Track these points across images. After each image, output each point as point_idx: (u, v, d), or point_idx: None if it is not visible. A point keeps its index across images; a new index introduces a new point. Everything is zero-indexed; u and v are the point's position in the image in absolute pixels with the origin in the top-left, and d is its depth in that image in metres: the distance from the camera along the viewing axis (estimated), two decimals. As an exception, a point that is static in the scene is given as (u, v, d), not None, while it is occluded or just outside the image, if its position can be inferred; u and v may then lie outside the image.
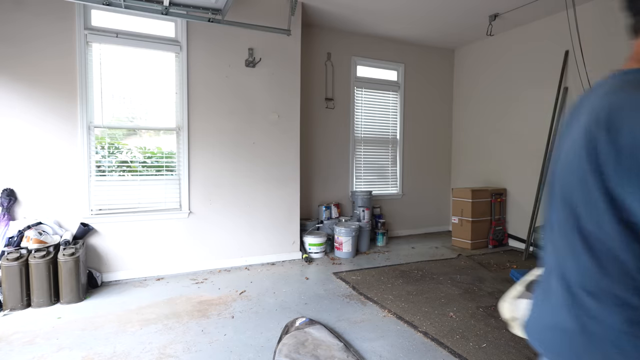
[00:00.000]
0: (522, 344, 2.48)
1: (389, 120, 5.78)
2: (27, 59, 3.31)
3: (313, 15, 4.72)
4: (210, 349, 2.39)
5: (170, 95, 3.86)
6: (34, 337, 2.52)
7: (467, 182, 5.98)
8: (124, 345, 2.43)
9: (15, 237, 3.11)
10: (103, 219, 3.58)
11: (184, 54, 3.84)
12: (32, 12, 3.30)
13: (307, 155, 5.07)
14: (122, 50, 3.64)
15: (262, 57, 4.20)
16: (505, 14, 4.65)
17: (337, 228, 4.56)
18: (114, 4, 3.05)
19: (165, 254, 3.85)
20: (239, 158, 4.16)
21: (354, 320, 2.83)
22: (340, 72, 5.33)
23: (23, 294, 2.99)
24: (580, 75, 4.25)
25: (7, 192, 3.24)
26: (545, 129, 4.70)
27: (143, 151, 3.80)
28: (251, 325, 2.74)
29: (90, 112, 3.55)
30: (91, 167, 3.56)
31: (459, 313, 2.96)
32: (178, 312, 2.95)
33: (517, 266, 4.24)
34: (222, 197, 4.09)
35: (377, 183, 5.72)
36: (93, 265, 3.57)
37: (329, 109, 5.26)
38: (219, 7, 3.39)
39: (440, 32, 5.35)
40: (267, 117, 4.28)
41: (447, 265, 4.25)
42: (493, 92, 5.50)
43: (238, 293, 3.36)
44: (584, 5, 4.23)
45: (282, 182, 4.39)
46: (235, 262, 4.17)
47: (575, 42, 4.23)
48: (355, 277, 3.82)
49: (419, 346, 2.44)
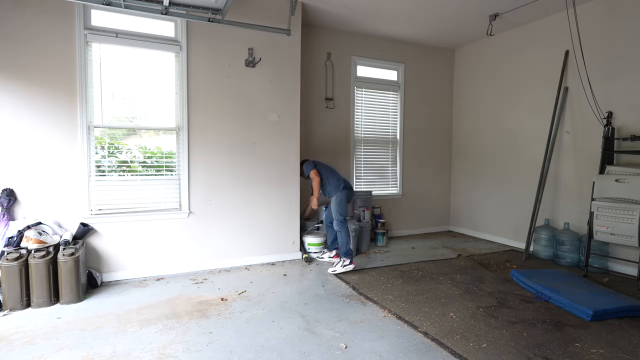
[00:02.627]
0: (522, 344, 2.48)
1: (389, 120, 5.77)
2: (27, 59, 3.30)
3: (313, 15, 4.72)
4: (210, 349, 2.39)
5: (170, 95, 3.85)
6: (34, 337, 2.52)
7: (467, 182, 5.98)
8: (123, 345, 2.42)
9: (15, 237, 3.11)
10: (103, 219, 3.58)
11: (183, 53, 3.84)
12: (31, 12, 3.30)
13: (307, 155, 5.06)
14: (122, 50, 3.64)
15: (262, 57, 4.20)
16: (505, 14, 4.65)
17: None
18: (113, 3, 3.04)
19: (165, 254, 3.85)
20: (239, 158, 4.16)
21: (354, 320, 2.83)
22: (340, 72, 5.32)
23: (23, 294, 2.98)
24: (581, 75, 4.25)
25: (6, 192, 3.24)
26: (546, 129, 4.70)
27: (143, 151, 3.80)
28: (251, 325, 2.73)
29: (90, 112, 3.54)
30: (91, 167, 3.56)
31: (459, 313, 2.95)
32: (178, 312, 2.94)
33: (517, 266, 4.24)
34: (222, 197, 4.09)
35: (377, 183, 5.71)
36: (93, 266, 3.57)
37: (329, 109, 5.26)
38: (219, 7, 3.39)
39: (440, 32, 5.34)
40: (267, 117, 4.28)
41: (447, 265, 4.25)
42: (493, 92, 5.50)
43: (238, 293, 3.36)
44: (584, 5, 4.23)
45: (282, 182, 4.39)
46: (235, 262, 4.17)
47: (575, 41, 4.23)
48: (355, 277, 3.81)
49: (419, 346, 2.44)
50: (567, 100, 4.53)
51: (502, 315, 2.92)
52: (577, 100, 4.41)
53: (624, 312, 2.91)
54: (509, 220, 5.28)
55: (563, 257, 4.31)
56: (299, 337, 2.56)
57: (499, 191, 5.42)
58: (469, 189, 5.94)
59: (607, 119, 4.03)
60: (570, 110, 4.51)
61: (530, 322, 2.81)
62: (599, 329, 2.71)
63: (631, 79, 3.91)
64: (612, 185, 3.71)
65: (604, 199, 3.75)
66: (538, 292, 3.31)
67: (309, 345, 2.45)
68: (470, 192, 5.92)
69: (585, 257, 3.92)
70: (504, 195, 5.35)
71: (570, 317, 2.89)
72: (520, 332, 2.65)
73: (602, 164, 3.97)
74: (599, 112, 4.12)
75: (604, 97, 4.12)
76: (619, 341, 2.53)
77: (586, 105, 4.26)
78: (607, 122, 4.02)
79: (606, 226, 3.70)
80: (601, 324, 2.79)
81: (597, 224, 3.78)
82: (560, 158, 4.60)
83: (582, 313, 2.88)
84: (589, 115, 4.24)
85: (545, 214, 4.73)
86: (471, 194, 5.91)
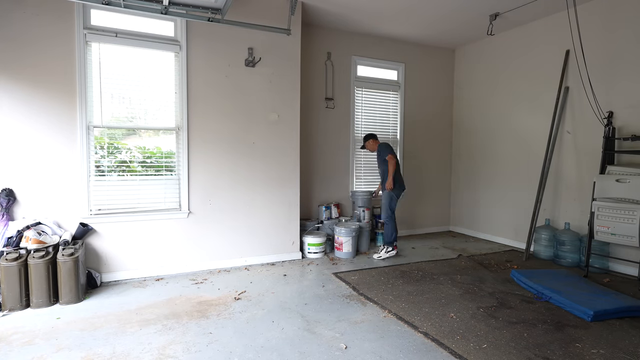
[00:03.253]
0: (522, 344, 2.47)
1: (389, 120, 5.76)
2: (26, 59, 3.30)
3: (313, 15, 4.71)
4: (210, 349, 2.38)
5: (169, 95, 3.85)
6: (33, 338, 2.51)
7: (467, 182, 5.97)
8: (123, 345, 2.42)
9: (14, 238, 3.10)
10: (102, 219, 3.57)
11: (183, 53, 3.83)
12: (31, 12, 3.29)
13: (307, 155, 5.06)
14: (122, 49, 3.63)
15: (262, 56, 4.19)
16: (505, 14, 4.64)
17: (337, 228, 4.55)
18: (113, 3, 3.04)
19: (165, 254, 3.84)
20: (238, 158, 4.15)
21: (354, 320, 2.82)
22: (340, 72, 5.31)
23: (22, 294, 2.98)
24: (581, 75, 4.24)
25: (6, 192, 3.23)
26: (546, 129, 4.69)
27: (142, 151, 3.79)
28: (251, 325, 2.73)
29: (90, 112, 3.54)
30: (90, 167, 3.55)
31: (459, 313, 2.95)
32: (177, 312, 2.94)
33: (517, 266, 4.23)
34: (222, 197, 4.08)
35: (377, 183, 5.70)
36: (92, 266, 3.56)
37: (329, 108, 5.25)
38: (219, 6, 3.38)
39: (441, 32, 5.33)
40: (267, 117, 4.27)
41: (447, 266, 4.24)
42: (493, 92, 5.49)
43: (238, 293, 3.35)
44: (584, 4, 4.22)
45: (281, 182, 4.38)
46: (235, 263, 4.16)
47: (576, 41, 4.22)
48: (356, 277, 3.81)
49: (419, 347, 2.44)
50: (568, 100, 4.53)
51: (502, 316, 2.91)
52: (577, 100, 4.40)
53: (624, 313, 2.90)
54: (509, 220, 5.27)
55: (564, 257, 4.30)
56: (299, 337, 2.56)
57: (500, 191, 5.42)
58: (469, 189, 5.94)
59: (607, 118, 4.02)
60: (570, 110, 4.50)
61: (531, 322, 2.80)
62: (599, 329, 2.70)
63: (632, 79, 3.90)
64: (613, 185, 3.70)
65: (604, 199, 3.75)
66: (538, 292, 3.31)
67: (309, 345, 2.44)
68: (471, 192, 5.91)
69: (586, 257, 3.91)
70: (505, 195, 5.34)
71: (571, 318, 2.88)
72: (520, 332, 2.64)
73: (602, 163, 3.96)
74: (600, 111, 4.11)
75: (604, 97, 4.12)
76: (620, 341, 2.53)
77: (587, 105, 4.25)
78: (607, 122, 4.01)
79: (607, 226, 3.69)
80: (602, 324, 2.78)
81: (597, 224, 3.77)
82: (561, 158, 4.60)
83: (582, 313, 2.87)
84: (590, 115, 4.24)
85: (546, 214, 4.73)
86: (471, 194, 5.90)
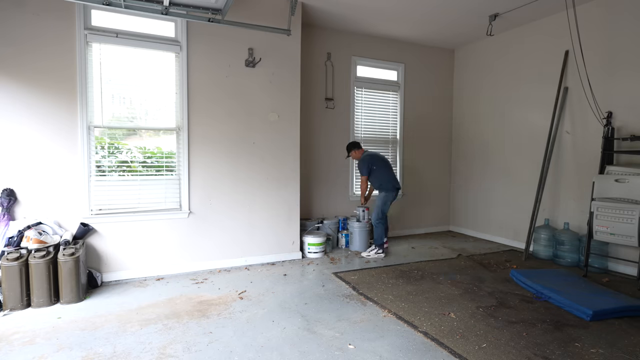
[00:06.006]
0: (522, 344, 2.48)
1: (389, 120, 5.77)
2: (27, 59, 3.30)
3: (313, 15, 4.72)
4: (210, 349, 2.39)
5: (170, 95, 3.86)
6: (34, 337, 2.52)
7: (467, 182, 5.98)
8: (123, 345, 2.43)
9: (15, 237, 3.11)
10: (103, 219, 3.58)
11: (183, 54, 3.84)
12: (31, 12, 3.29)
13: (307, 155, 5.07)
14: (122, 50, 3.64)
15: (262, 57, 4.20)
16: (505, 14, 4.65)
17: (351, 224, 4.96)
18: (113, 3, 3.04)
19: (165, 254, 3.85)
20: (239, 158, 4.16)
21: (354, 320, 2.83)
22: (340, 72, 5.32)
23: (23, 294, 2.99)
24: (580, 75, 4.25)
25: (7, 192, 3.24)
26: (546, 129, 4.70)
27: (143, 151, 3.80)
28: (251, 325, 2.73)
29: (90, 112, 3.54)
30: (91, 167, 3.56)
31: (459, 313, 2.95)
32: (178, 312, 2.95)
33: (516, 266, 4.24)
34: (222, 197, 4.09)
35: (377, 183, 5.71)
36: (93, 265, 3.57)
37: (329, 109, 5.26)
38: (219, 7, 3.39)
39: (440, 32, 5.34)
40: (267, 117, 4.28)
41: (447, 265, 4.25)
42: (493, 92, 5.50)
43: (238, 293, 3.36)
44: (584, 5, 4.23)
45: (282, 182, 4.39)
46: (235, 262, 4.17)
47: (575, 41, 4.23)
48: (355, 277, 3.82)
49: (419, 346, 2.44)
50: (567, 100, 4.54)
51: (502, 315, 2.92)
52: (577, 100, 4.41)
53: (623, 312, 2.91)
54: (508, 220, 5.28)
55: (563, 257, 4.31)
56: (299, 337, 2.56)
57: (499, 191, 5.42)
58: (469, 189, 5.95)
59: (607, 119, 4.03)
60: (570, 110, 4.51)
61: (530, 322, 2.81)
62: (598, 328, 2.71)
63: (631, 79, 3.91)
64: (612, 185, 3.71)
65: (603, 199, 3.76)
66: (538, 292, 3.32)
67: (309, 345, 2.45)
68: (470, 192, 5.92)
69: (585, 257, 3.92)
70: (504, 195, 5.35)
71: (570, 317, 2.89)
72: (520, 332, 2.65)
73: (601, 163, 3.97)
74: (599, 112, 4.12)
75: (603, 97, 4.13)
76: (619, 341, 2.53)
77: (586, 105, 4.26)
78: (607, 122, 4.02)
79: (606, 226, 3.70)
80: (601, 323, 2.79)
81: (597, 224, 3.78)
82: (560, 158, 4.60)
83: (581, 313, 2.88)
84: (589, 115, 4.25)
85: (545, 214, 4.74)
86: (471, 194, 5.91)
